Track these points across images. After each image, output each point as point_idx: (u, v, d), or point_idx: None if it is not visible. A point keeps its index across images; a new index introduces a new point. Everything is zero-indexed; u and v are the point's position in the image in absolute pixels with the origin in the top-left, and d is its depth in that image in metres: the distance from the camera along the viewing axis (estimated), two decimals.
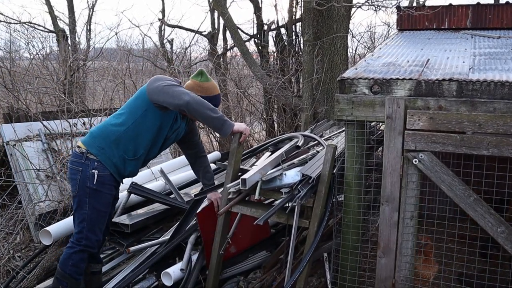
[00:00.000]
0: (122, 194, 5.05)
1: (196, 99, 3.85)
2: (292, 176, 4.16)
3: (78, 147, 3.97)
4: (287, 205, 4.08)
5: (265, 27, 12.42)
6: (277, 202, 4.19)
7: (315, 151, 5.02)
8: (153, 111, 3.95)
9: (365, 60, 4.96)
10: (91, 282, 4.31)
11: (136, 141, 3.97)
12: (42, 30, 14.16)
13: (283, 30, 12.19)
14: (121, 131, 3.92)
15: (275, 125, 11.75)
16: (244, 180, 4.02)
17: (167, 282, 4.41)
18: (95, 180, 3.84)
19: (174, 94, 3.86)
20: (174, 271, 4.43)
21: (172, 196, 5.71)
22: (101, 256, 4.74)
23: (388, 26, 14.49)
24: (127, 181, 4.83)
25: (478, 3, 7.34)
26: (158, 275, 4.64)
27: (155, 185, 5.76)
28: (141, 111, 3.94)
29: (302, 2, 9.95)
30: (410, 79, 3.91)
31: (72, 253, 3.95)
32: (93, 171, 3.84)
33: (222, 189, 4.58)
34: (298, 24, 11.66)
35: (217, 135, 11.80)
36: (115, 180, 4.04)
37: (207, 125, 4.14)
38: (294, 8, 11.74)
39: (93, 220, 3.93)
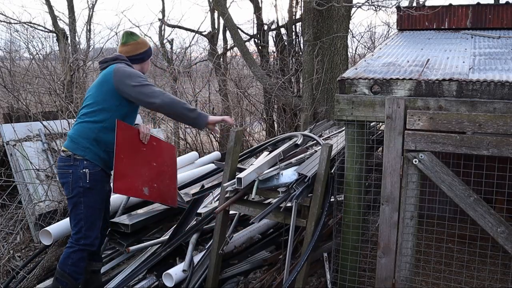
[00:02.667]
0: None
1: (166, 99, 3.93)
2: (289, 175, 4.17)
3: (63, 151, 3.99)
4: (288, 204, 4.09)
5: (265, 27, 12.41)
6: (273, 201, 4.19)
7: (313, 150, 5.02)
8: (126, 103, 4.02)
9: (365, 60, 4.96)
10: (91, 280, 4.32)
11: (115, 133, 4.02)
12: (42, 30, 14.13)
13: (283, 30, 12.19)
14: (99, 127, 3.94)
15: (275, 125, 11.75)
16: (239, 179, 4.03)
17: (168, 283, 4.41)
18: (87, 179, 3.88)
19: (146, 96, 3.93)
20: (176, 272, 4.43)
21: None
22: (102, 255, 4.74)
23: (388, 26, 14.52)
24: None
25: (478, 3, 7.34)
26: (158, 275, 4.64)
27: None
28: (114, 107, 3.98)
29: (302, 2, 9.97)
30: (410, 79, 3.91)
31: (71, 253, 3.95)
32: (84, 170, 3.88)
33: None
34: (298, 24, 11.67)
35: (217, 135, 11.81)
36: (106, 174, 4.09)
37: (181, 121, 4.14)
38: (294, 8, 11.75)
39: (90, 218, 3.95)
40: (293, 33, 11.89)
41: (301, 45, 11.34)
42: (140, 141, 4.15)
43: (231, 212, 4.74)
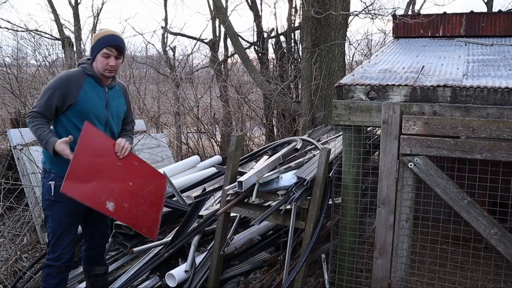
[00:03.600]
0: None
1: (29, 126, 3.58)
2: (288, 179, 4.18)
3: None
4: (287, 207, 4.10)
5: (265, 35, 12.46)
6: (273, 204, 4.20)
7: (312, 154, 5.03)
8: (60, 116, 3.64)
9: (362, 67, 4.98)
10: (96, 283, 4.29)
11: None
12: (48, 38, 14.21)
13: (282, 38, 12.23)
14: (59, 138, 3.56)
15: (275, 130, 11.77)
16: (240, 183, 4.04)
17: (171, 283, 4.41)
18: (52, 191, 3.60)
19: None
20: (179, 273, 4.43)
21: (174, 199, 5.72)
22: (106, 257, 4.73)
23: (384, 33, 14.54)
24: None
25: (472, 12, 7.37)
26: (161, 275, 4.65)
27: None
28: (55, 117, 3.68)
29: (301, 11, 9.99)
30: (406, 85, 3.92)
31: (43, 267, 3.79)
32: (50, 182, 3.61)
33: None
34: (297, 32, 11.71)
35: (218, 139, 11.85)
36: None
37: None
38: (293, 16, 11.79)
39: (56, 232, 3.66)
40: (292, 41, 11.93)
41: (300, 52, 11.38)
42: (115, 153, 3.66)
43: (232, 214, 4.75)
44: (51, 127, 3.68)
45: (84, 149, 3.44)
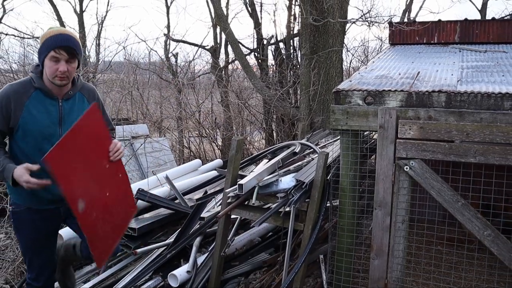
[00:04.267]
0: None
1: None
2: (287, 181, 4.19)
3: None
4: (286, 209, 4.11)
5: (265, 42, 12.47)
6: (273, 206, 4.22)
7: (310, 158, 5.05)
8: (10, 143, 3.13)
9: (359, 73, 4.99)
10: (70, 272, 3.97)
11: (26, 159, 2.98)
12: None
13: (281, 45, 12.25)
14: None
15: (274, 134, 11.78)
16: (241, 186, 4.05)
17: (173, 283, 4.42)
18: (12, 217, 3.26)
19: None
20: (181, 273, 4.44)
21: (176, 201, 5.73)
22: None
23: (381, 40, 14.58)
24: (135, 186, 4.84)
25: (466, 19, 7.39)
26: (164, 275, 4.65)
27: (161, 191, 5.78)
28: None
29: (300, 18, 10.03)
30: (402, 90, 3.94)
31: (26, 285, 3.54)
32: (11, 208, 3.25)
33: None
34: (296, 39, 11.73)
35: (219, 143, 11.86)
36: (37, 212, 3.19)
37: None
38: (292, 24, 11.82)
39: (27, 255, 3.36)
40: (291, 47, 11.95)
41: (299, 59, 11.40)
42: (107, 152, 3.08)
43: (232, 216, 4.75)
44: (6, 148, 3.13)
45: (81, 128, 2.85)
